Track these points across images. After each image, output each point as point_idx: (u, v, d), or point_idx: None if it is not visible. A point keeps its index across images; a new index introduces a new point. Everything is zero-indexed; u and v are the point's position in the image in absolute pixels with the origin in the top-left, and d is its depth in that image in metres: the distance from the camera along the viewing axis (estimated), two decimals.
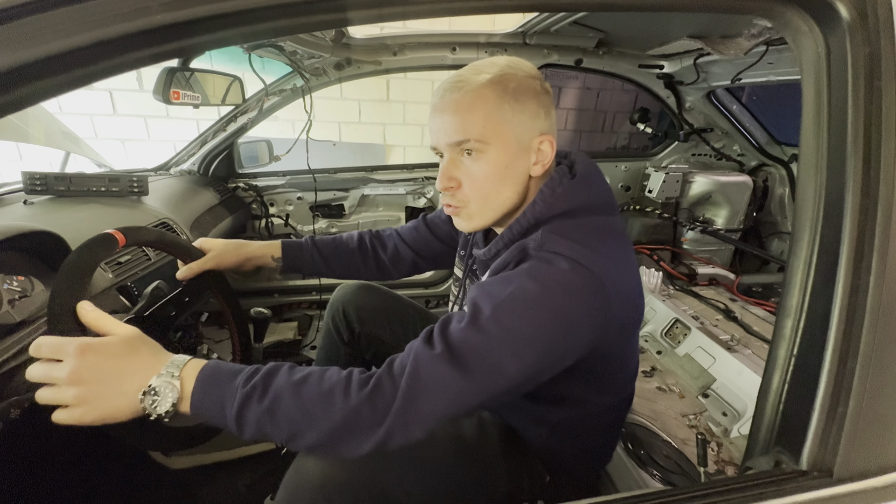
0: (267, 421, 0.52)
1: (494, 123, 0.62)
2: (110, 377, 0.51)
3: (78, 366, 0.50)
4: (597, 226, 0.64)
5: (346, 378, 0.54)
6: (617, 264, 0.61)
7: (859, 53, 0.45)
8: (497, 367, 0.54)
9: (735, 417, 1.28)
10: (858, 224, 0.43)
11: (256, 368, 0.56)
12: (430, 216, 1.03)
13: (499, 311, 0.55)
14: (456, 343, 0.54)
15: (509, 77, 0.63)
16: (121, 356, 0.53)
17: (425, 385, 0.52)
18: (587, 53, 1.72)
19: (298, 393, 0.53)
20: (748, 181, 2.01)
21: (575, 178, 0.66)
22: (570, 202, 0.64)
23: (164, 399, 0.51)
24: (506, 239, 0.68)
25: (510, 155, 0.64)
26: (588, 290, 0.56)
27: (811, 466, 0.44)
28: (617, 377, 0.73)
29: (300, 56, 1.45)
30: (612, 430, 0.84)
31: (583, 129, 3.75)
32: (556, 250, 0.58)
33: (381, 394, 0.52)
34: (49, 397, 0.50)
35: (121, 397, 0.51)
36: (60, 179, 1.08)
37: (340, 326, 1.05)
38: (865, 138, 0.44)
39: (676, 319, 1.64)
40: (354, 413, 0.51)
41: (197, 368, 0.55)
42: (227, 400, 0.52)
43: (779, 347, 0.50)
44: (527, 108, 0.63)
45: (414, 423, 0.52)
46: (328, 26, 0.45)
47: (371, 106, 3.21)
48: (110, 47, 0.35)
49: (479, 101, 0.62)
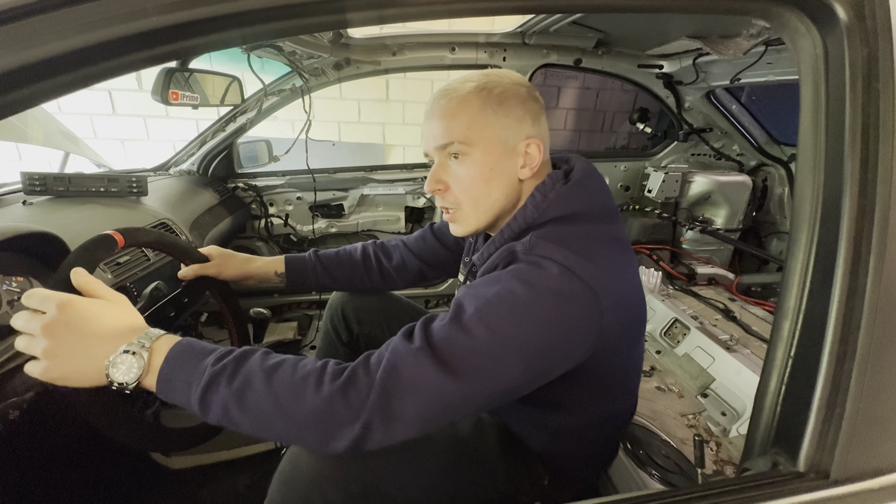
0: (234, 405, 0.50)
1: (479, 127, 0.64)
2: (82, 338, 0.50)
3: (55, 320, 0.49)
4: (593, 234, 0.63)
5: (319, 368, 0.53)
6: (613, 273, 0.60)
7: (857, 55, 0.45)
8: (480, 368, 0.52)
9: (734, 417, 1.28)
10: (856, 226, 0.43)
11: (229, 350, 0.54)
12: (437, 225, 1.05)
13: (483, 311, 0.54)
14: (437, 339, 0.53)
15: (494, 83, 0.65)
16: (98, 319, 0.52)
17: (403, 381, 0.51)
18: (586, 53, 1.72)
19: (270, 379, 0.51)
20: (747, 181, 2.01)
21: (569, 184, 0.66)
22: (564, 208, 0.64)
23: (130, 369, 0.50)
24: (497, 242, 0.68)
25: (495, 156, 0.66)
26: (578, 297, 0.55)
27: (808, 468, 0.44)
28: (618, 385, 0.72)
29: (299, 56, 1.45)
30: (613, 438, 0.83)
31: (582, 128, 3.75)
32: (545, 255, 0.57)
33: (355, 387, 0.51)
34: (23, 346, 0.50)
35: (87, 360, 0.50)
36: (59, 180, 1.08)
37: (339, 327, 1.05)
38: (863, 139, 0.44)
39: (675, 319, 1.64)
40: (326, 405, 0.50)
41: (169, 344, 0.53)
42: (194, 378, 0.51)
43: (776, 349, 0.50)
44: (512, 112, 0.65)
45: (394, 420, 0.50)
46: (327, 28, 0.45)
47: (370, 106, 3.21)
48: (107, 50, 0.35)
49: (463, 107, 0.65)
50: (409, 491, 0.67)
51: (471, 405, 0.54)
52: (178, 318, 0.83)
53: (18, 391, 0.64)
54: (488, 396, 0.54)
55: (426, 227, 1.05)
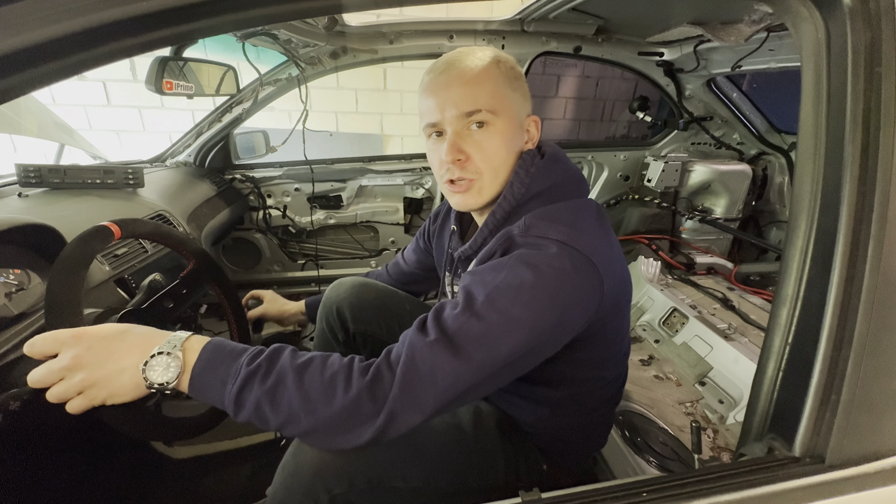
0: (266, 403, 0.52)
1: (501, 96, 0.66)
2: (109, 355, 0.52)
3: (78, 351, 0.51)
4: (575, 207, 0.67)
5: (347, 366, 0.54)
6: (602, 242, 0.62)
7: (860, 39, 0.44)
8: (494, 350, 0.54)
9: (731, 405, 1.29)
10: (855, 213, 0.43)
11: (260, 349, 0.56)
12: (405, 250, 1.16)
13: (493, 297, 0.55)
14: (451, 329, 0.54)
15: (503, 59, 0.68)
16: (115, 337, 0.54)
17: (422, 373, 0.52)
18: (586, 41, 1.70)
19: (301, 378, 0.53)
20: (747, 170, 2.00)
21: (545, 158, 0.70)
22: (546, 181, 0.68)
23: (168, 368, 0.52)
24: (490, 226, 0.70)
25: (513, 128, 0.68)
26: (579, 270, 0.57)
27: (804, 453, 0.44)
28: (612, 352, 0.75)
29: (295, 45, 1.43)
30: (608, 408, 0.85)
31: (582, 118, 3.73)
32: (542, 234, 0.59)
33: (380, 383, 0.52)
34: (60, 393, 0.51)
35: (120, 374, 0.52)
36: (55, 172, 1.08)
37: (335, 326, 1.03)
38: (864, 125, 0.44)
39: (674, 308, 1.64)
40: (354, 404, 0.51)
41: (200, 343, 0.55)
42: (230, 377, 0.52)
43: (774, 335, 0.50)
44: (520, 88, 0.69)
45: (411, 409, 0.52)
46: (321, 13, 0.44)
47: (368, 95, 3.18)
48: (98, 35, 0.34)
49: (487, 76, 0.65)
50: (412, 482, 0.68)
51: (485, 386, 0.56)
52: (176, 310, 0.83)
53: (18, 382, 0.64)
54: (500, 375, 0.56)
55: (398, 256, 1.17)
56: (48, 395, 0.51)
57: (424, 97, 0.68)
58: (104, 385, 0.51)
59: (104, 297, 0.88)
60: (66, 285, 0.59)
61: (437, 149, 0.69)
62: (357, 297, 1.03)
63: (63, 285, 0.59)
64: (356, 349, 1.05)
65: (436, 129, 0.69)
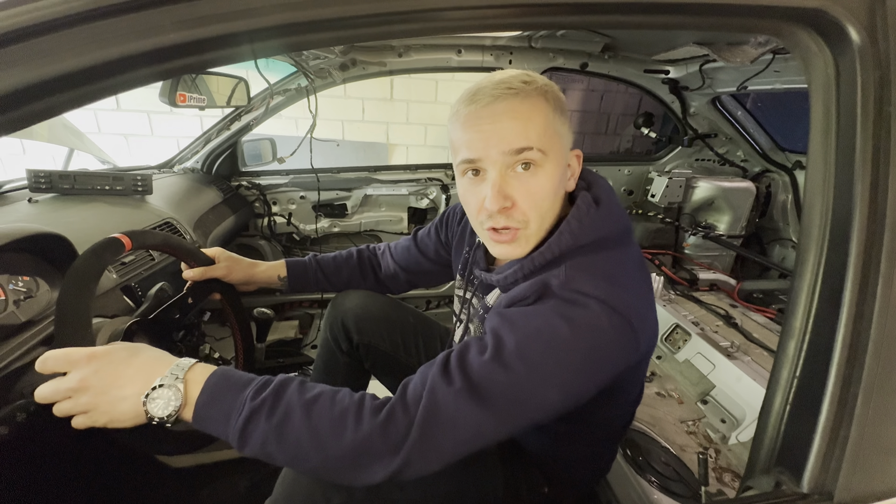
0: (272, 439, 0.50)
1: (551, 133, 0.58)
2: (115, 381, 0.52)
3: (85, 374, 0.51)
4: (622, 259, 0.61)
5: (357, 403, 0.52)
6: (640, 297, 0.59)
7: (869, 77, 0.45)
8: (520, 404, 0.52)
9: (734, 424, 1.28)
10: (864, 249, 0.43)
11: (267, 381, 0.54)
12: (420, 233, 1.03)
13: (524, 347, 0.53)
14: (477, 377, 0.52)
15: (551, 88, 0.59)
16: (123, 361, 0.53)
17: (443, 421, 0.50)
18: (593, 57, 1.72)
19: (309, 414, 0.51)
20: (751, 187, 2.01)
21: (600, 208, 0.62)
22: (595, 233, 0.61)
23: (168, 403, 0.51)
24: (526, 270, 0.63)
25: (561, 169, 0.61)
26: (617, 331, 0.54)
27: (812, 489, 0.44)
28: (629, 395, 0.73)
29: (305, 57, 1.45)
30: (613, 441, 0.84)
31: (586, 131, 3.75)
32: (582, 290, 0.55)
33: (394, 424, 0.50)
34: (66, 409, 0.51)
35: (121, 402, 0.51)
36: (65, 177, 1.09)
37: (339, 337, 1.03)
38: (874, 163, 0.44)
39: (677, 325, 1.64)
40: (365, 442, 0.50)
41: (204, 374, 0.53)
42: (234, 411, 0.51)
43: (782, 367, 0.50)
44: (567, 122, 0.61)
45: (433, 457, 0.51)
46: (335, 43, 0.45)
47: (374, 104, 3.20)
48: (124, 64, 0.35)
49: (537, 109, 0.57)
50: (410, 494, 0.67)
51: (505, 434, 0.54)
52: (182, 319, 0.84)
53: (25, 393, 0.64)
54: (524, 425, 0.54)
55: (411, 236, 1.04)
56: (55, 409, 0.51)
57: (462, 130, 0.59)
58: (105, 411, 0.51)
59: (110, 304, 0.88)
60: (76, 298, 0.60)
61: (475, 191, 0.61)
62: (362, 309, 1.03)
63: (74, 298, 0.59)
64: (359, 360, 1.06)
65: (473, 167, 0.60)
